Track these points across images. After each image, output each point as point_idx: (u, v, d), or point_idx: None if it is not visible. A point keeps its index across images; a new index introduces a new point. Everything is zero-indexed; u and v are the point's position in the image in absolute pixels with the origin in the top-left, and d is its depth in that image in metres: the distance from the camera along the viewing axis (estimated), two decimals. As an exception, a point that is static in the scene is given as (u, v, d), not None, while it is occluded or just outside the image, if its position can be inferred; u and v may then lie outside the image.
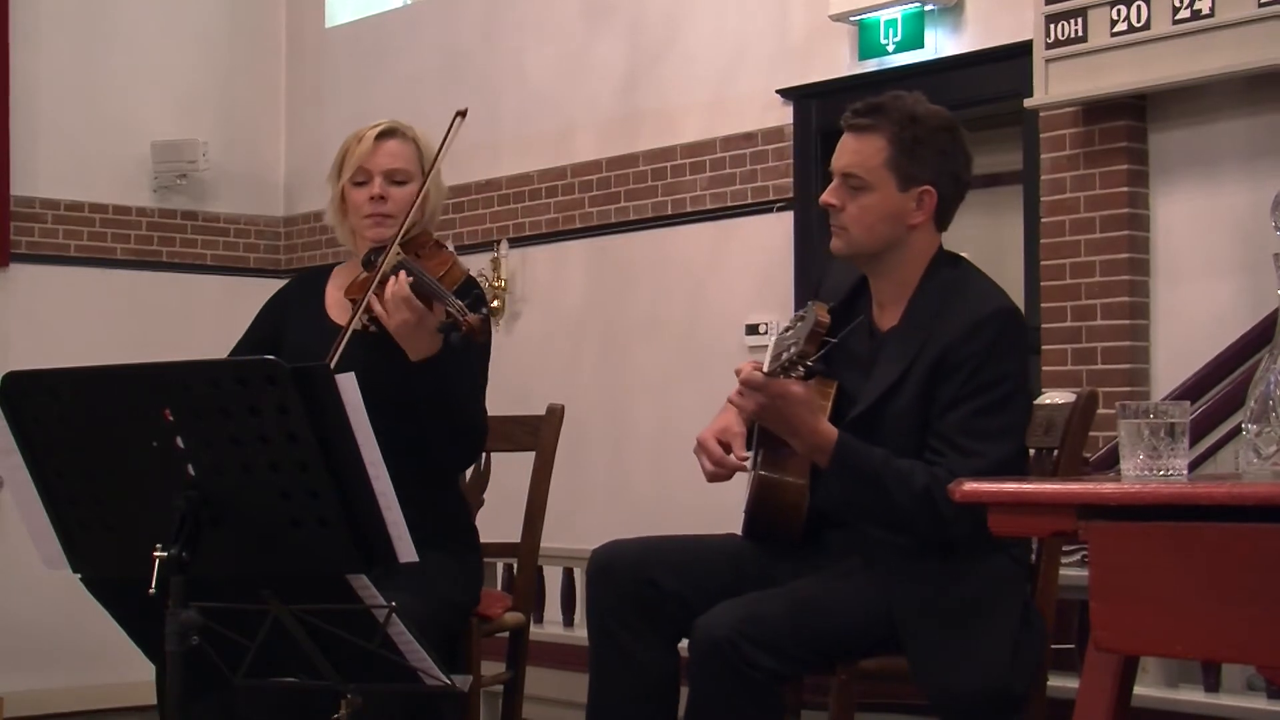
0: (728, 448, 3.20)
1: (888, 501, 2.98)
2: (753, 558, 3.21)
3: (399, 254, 3.27)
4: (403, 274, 3.19)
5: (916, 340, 3.06)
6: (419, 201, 3.38)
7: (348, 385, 2.37)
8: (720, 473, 3.18)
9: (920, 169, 3.10)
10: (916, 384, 3.04)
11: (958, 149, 3.15)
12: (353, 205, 3.44)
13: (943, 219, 3.17)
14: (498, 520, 3.83)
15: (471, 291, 3.23)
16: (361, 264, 3.38)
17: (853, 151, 3.13)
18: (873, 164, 3.10)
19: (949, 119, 3.16)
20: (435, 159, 3.41)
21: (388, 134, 3.46)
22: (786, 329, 3.14)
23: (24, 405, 2.51)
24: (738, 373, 3.01)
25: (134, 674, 3.29)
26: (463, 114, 3.35)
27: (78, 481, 2.54)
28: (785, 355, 2.97)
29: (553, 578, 5.40)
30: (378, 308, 3.20)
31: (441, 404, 3.22)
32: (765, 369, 2.97)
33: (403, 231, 3.31)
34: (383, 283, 3.23)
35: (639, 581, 3.14)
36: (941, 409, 3.01)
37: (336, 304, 3.46)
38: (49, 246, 7.34)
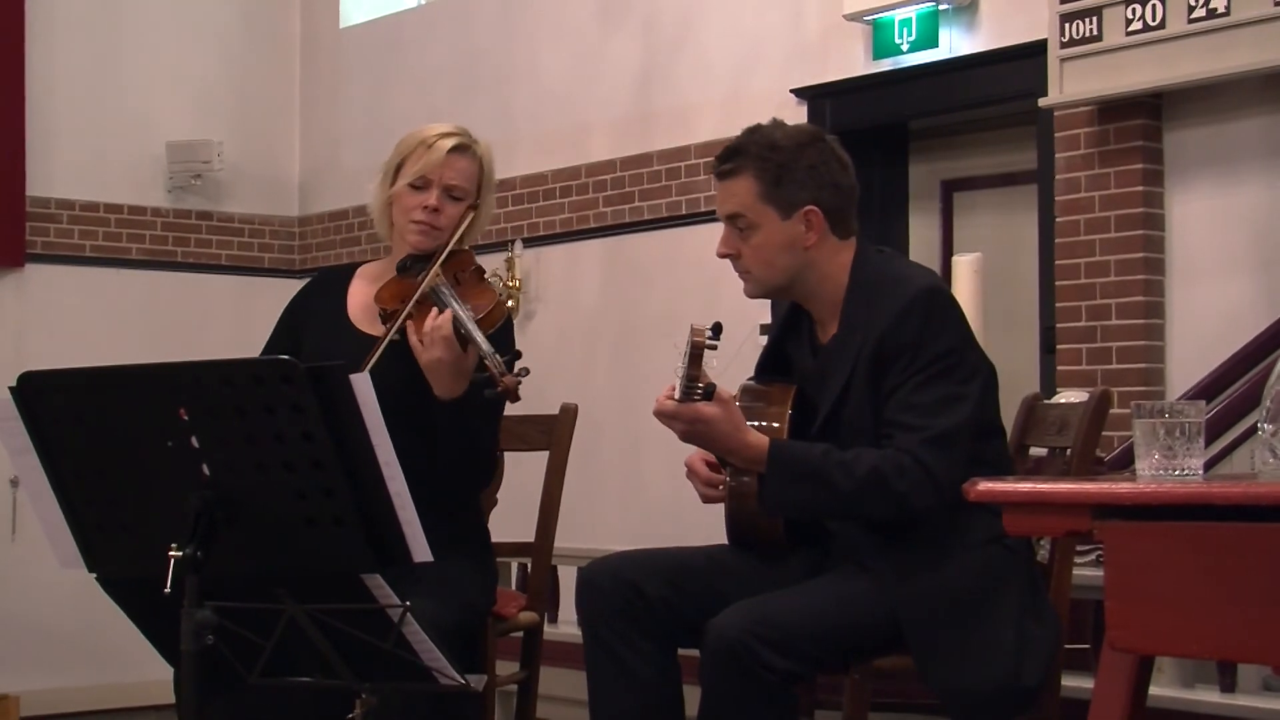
0: (716, 468, 3.22)
1: (834, 491, 2.98)
2: (743, 564, 3.21)
3: (439, 275, 3.23)
4: (448, 312, 3.13)
5: (854, 344, 3.08)
6: (470, 221, 3.35)
7: (362, 385, 2.37)
8: (713, 494, 3.23)
9: (795, 192, 3.11)
10: (862, 383, 3.06)
11: (827, 159, 3.15)
12: (403, 207, 3.37)
13: (841, 228, 3.16)
14: (512, 520, 3.83)
15: (510, 345, 3.16)
16: (396, 268, 3.34)
17: (727, 197, 3.16)
18: (750, 203, 3.12)
19: (810, 133, 3.18)
20: (481, 180, 3.38)
21: (461, 149, 3.40)
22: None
23: (40, 405, 2.52)
24: (655, 405, 3.05)
25: (150, 673, 3.29)
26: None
27: (93, 481, 2.54)
28: (680, 385, 3.00)
29: (567, 577, 5.39)
30: (413, 339, 3.16)
31: (457, 437, 3.20)
32: (675, 397, 3.01)
33: (447, 252, 3.28)
34: (420, 303, 3.18)
35: (625, 590, 3.15)
36: (886, 397, 3.03)
37: (362, 308, 3.40)
38: (64, 247, 7.36)
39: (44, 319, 7.23)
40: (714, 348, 2.99)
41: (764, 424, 3.11)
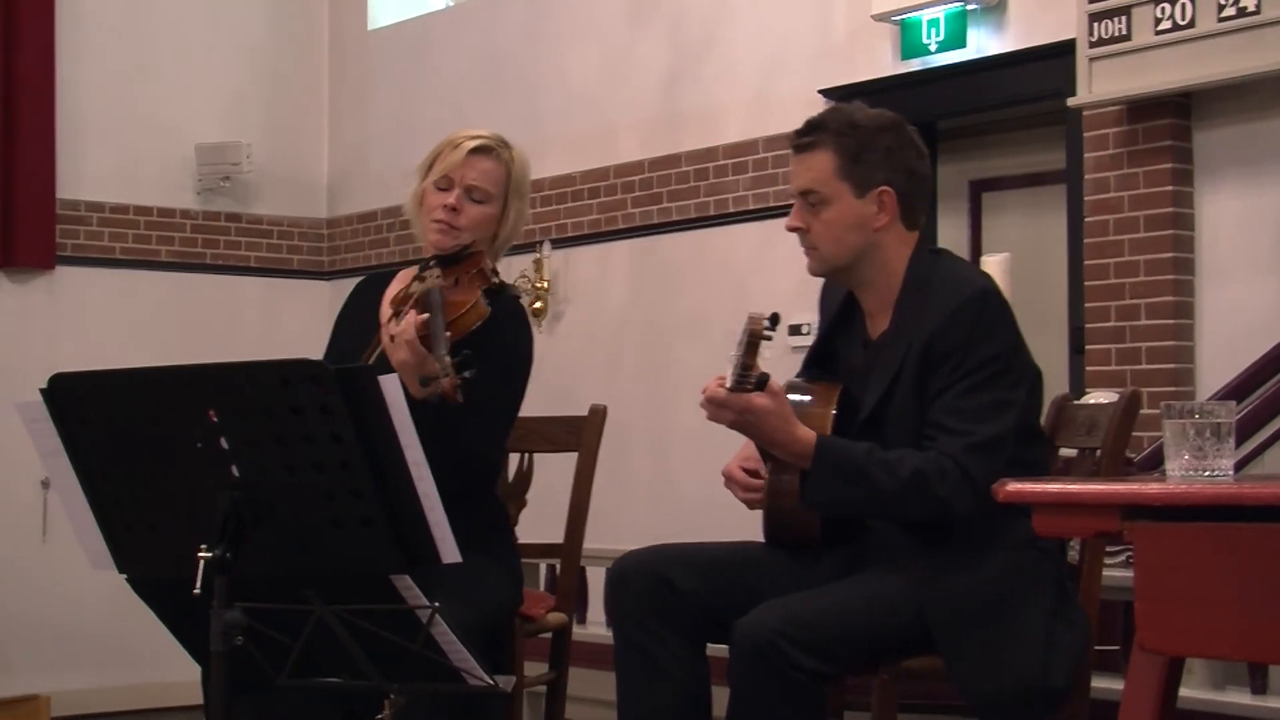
0: (754, 473, 3.22)
1: (877, 491, 2.98)
2: (776, 560, 3.21)
3: (438, 277, 3.24)
4: (410, 315, 3.13)
5: (903, 342, 3.07)
6: (489, 220, 3.37)
7: (390, 386, 2.38)
8: (754, 498, 3.22)
9: (872, 171, 3.12)
10: (909, 382, 3.05)
11: (905, 145, 3.16)
12: (427, 206, 3.42)
13: (910, 217, 3.17)
14: (540, 521, 3.84)
15: (462, 350, 3.06)
16: (418, 268, 3.37)
17: (803, 170, 3.16)
18: (825, 178, 3.12)
19: (891, 118, 3.18)
20: (508, 180, 3.38)
21: (483, 150, 3.42)
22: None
23: (70, 407, 2.53)
24: (703, 392, 3.04)
25: (179, 674, 3.31)
26: None
27: (123, 482, 2.55)
28: (732, 371, 2.99)
29: (595, 578, 5.39)
30: (384, 339, 3.18)
31: (439, 437, 3.19)
32: (727, 385, 3.00)
33: (453, 250, 3.29)
34: (416, 305, 3.20)
35: (655, 585, 3.15)
36: (933, 398, 3.02)
37: (387, 310, 3.46)
38: (95, 249, 7.39)
39: (74, 321, 7.26)
40: (770, 338, 2.99)
41: (808, 422, 3.10)
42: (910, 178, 3.15)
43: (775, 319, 2.98)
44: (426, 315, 3.11)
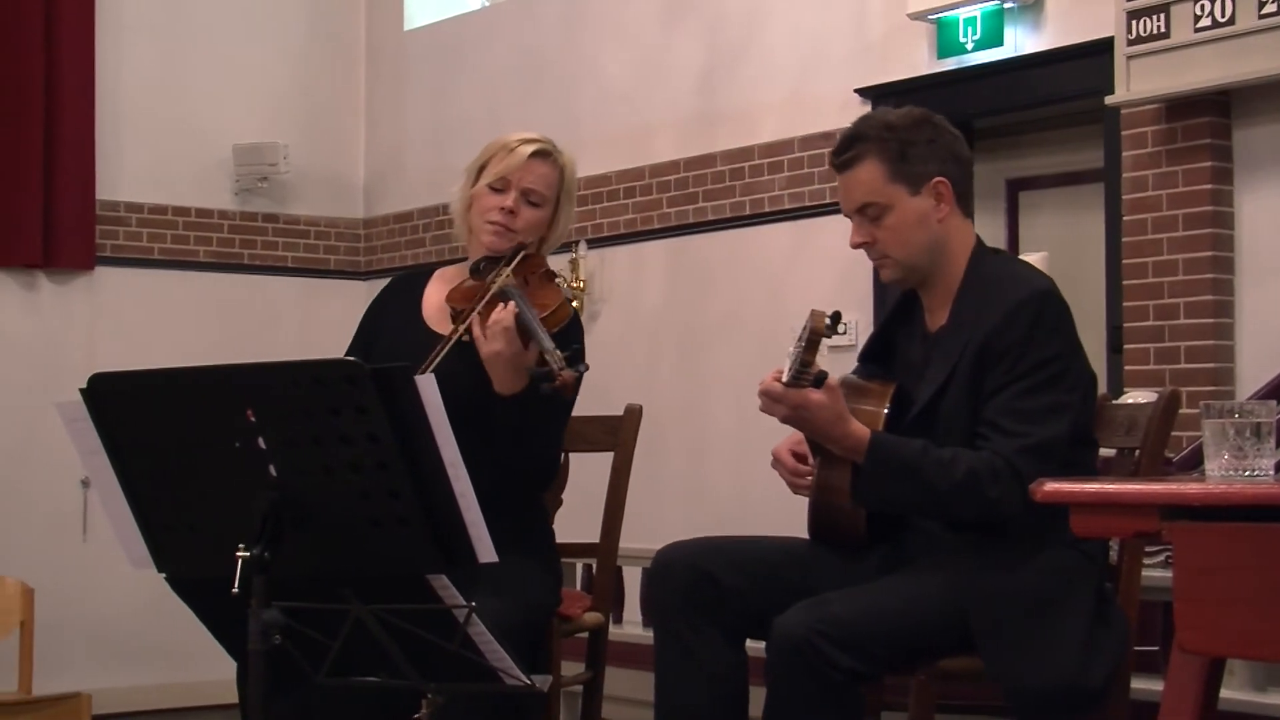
0: (803, 458, 3.21)
1: (929, 490, 2.98)
2: (819, 557, 3.21)
3: (510, 276, 3.26)
4: (511, 305, 3.17)
5: (961, 338, 3.07)
6: (542, 223, 3.39)
7: (427, 386, 2.38)
8: (800, 483, 3.22)
9: (921, 165, 3.13)
10: (964, 379, 3.05)
11: (942, 132, 3.18)
12: (481, 207, 3.43)
13: (965, 204, 3.19)
14: (577, 520, 3.84)
15: (572, 344, 3.17)
16: (469, 270, 3.37)
17: (854, 186, 3.16)
18: (879, 187, 3.13)
19: (921, 112, 3.20)
20: (562, 182, 3.44)
21: (542, 154, 3.45)
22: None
23: (110, 407, 2.54)
24: (760, 385, 3.04)
25: (218, 672, 3.31)
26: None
27: (162, 481, 2.56)
28: (790, 366, 2.99)
29: (632, 578, 5.41)
30: (476, 330, 3.19)
31: (517, 439, 3.22)
32: (784, 380, 3.00)
33: (520, 254, 3.31)
34: (490, 302, 3.21)
35: (698, 578, 3.15)
36: (988, 397, 3.02)
37: (435, 308, 3.45)
38: (133, 250, 7.43)
39: (113, 321, 7.30)
40: (830, 335, 3.00)
41: (860, 418, 3.10)
42: (958, 163, 3.18)
43: (837, 317, 3.00)
44: (517, 310, 3.13)
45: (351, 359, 2.40)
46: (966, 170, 3.21)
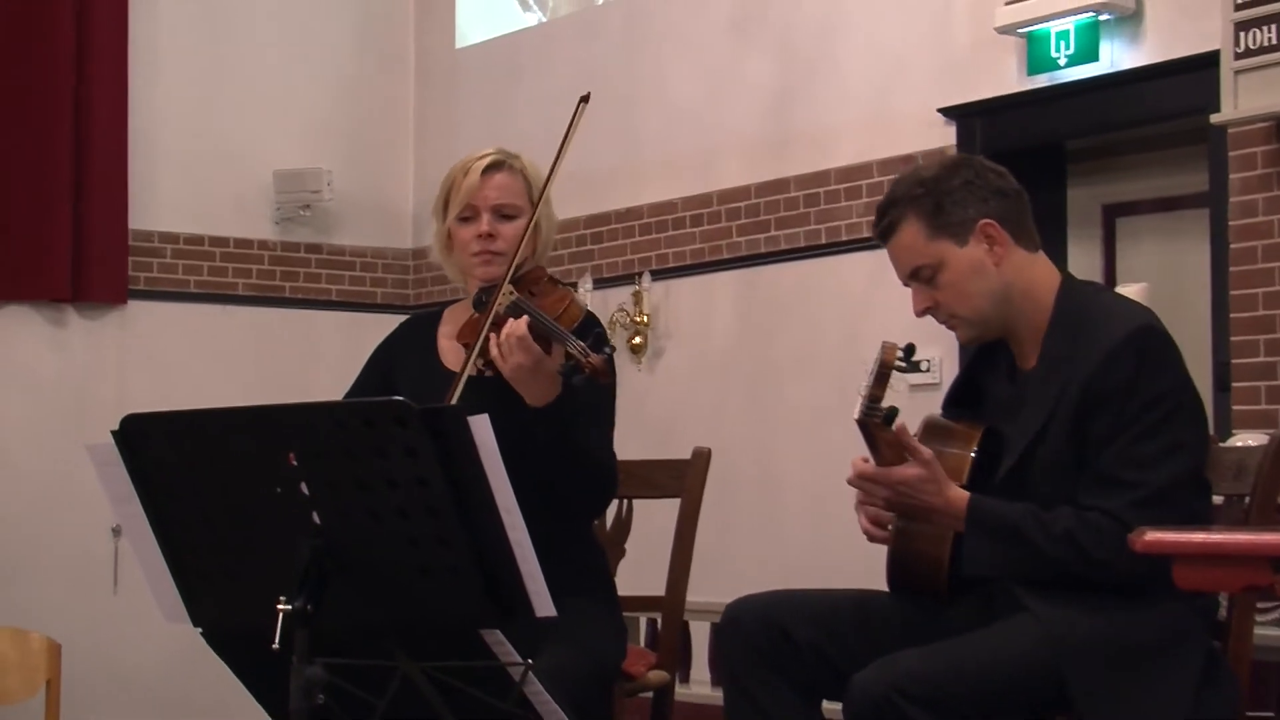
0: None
1: (1034, 553, 2.98)
2: (899, 610, 3.20)
3: (512, 293, 3.29)
4: (523, 317, 3.21)
5: (1057, 381, 3.07)
6: (528, 236, 3.41)
7: (480, 427, 2.39)
8: (878, 533, 3.22)
9: (960, 212, 3.14)
10: (1063, 428, 3.04)
11: (980, 172, 3.18)
12: (460, 243, 3.49)
13: (1024, 237, 3.18)
14: (641, 571, 3.84)
15: (593, 330, 3.24)
16: (472, 305, 3.41)
17: (899, 253, 3.19)
18: (922, 247, 3.15)
19: (956, 157, 3.28)
20: (545, 186, 3.45)
21: (495, 167, 3.49)
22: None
23: (143, 449, 2.56)
24: (852, 469, 3.08)
25: (256, 732, 3.33)
26: (586, 99, 3.39)
27: (198, 530, 2.58)
28: (861, 404, 3.01)
29: (699, 633, 5.41)
30: (493, 351, 3.23)
31: (566, 450, 3.24)
32: (854, 415, 3.01)
33: (513, 269, 3.34)
34: (496, 324, 3.25)
35: (770, 633, 3.15)
36: (1097, 446, 3.01)
37: (450, 349, 3.50)
38: (168, 282, 7.49)
39: (147, 358, 7.35)
40: (903, 369, 3.01)
41: (943, 464, 3.10)
42: (1002, 199, 3.17)
43: (911, 350, 3.01)
44: (528, 318, 3.16)
45: (401, 399, 2.41)
46: (1016, 204, 3.20)
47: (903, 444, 3.06)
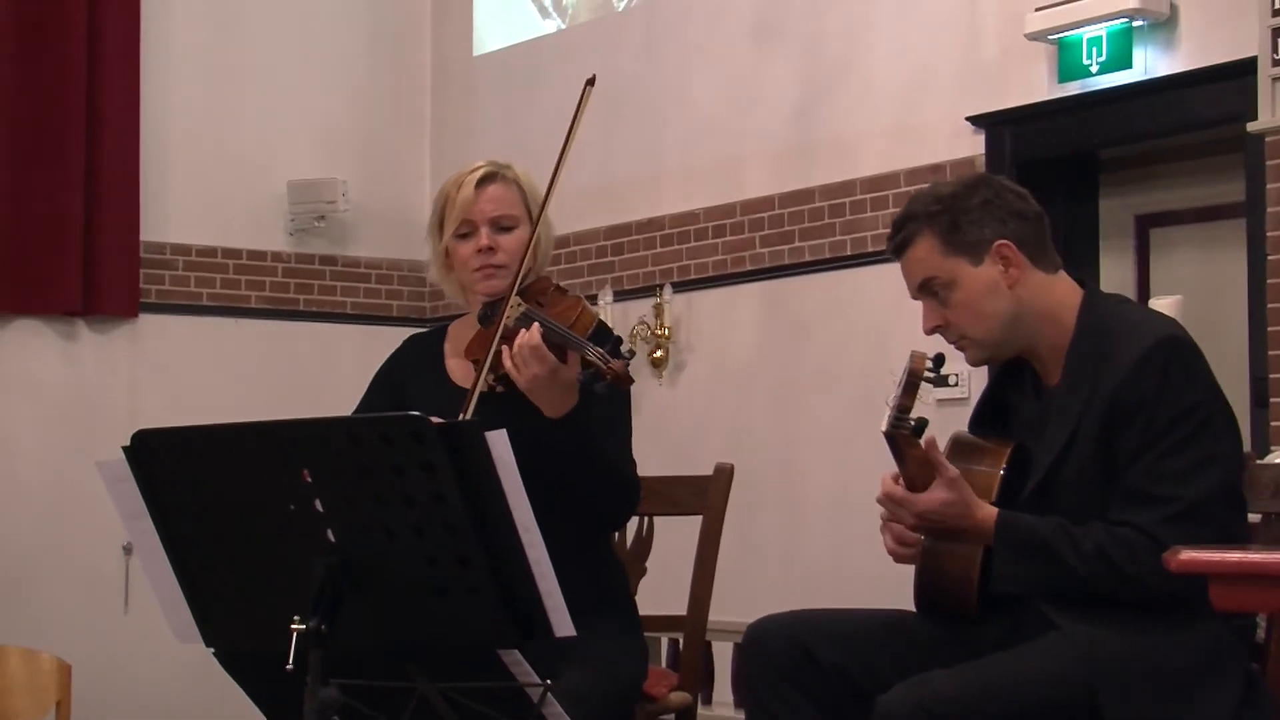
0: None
1: (1065, 569, 2.99)
2: (927, 630, 3.20)
3: (520, 304, 3.29)
4: (534, 326, 3.21)
5: (1081, 396, 3.06)
6: (531, 247, 3.41)
7: (499, 443, 2.39)
8: (904, 552, 3.22)
9: (976, 232, 3.15)
10: (1089, 442, 3.04)
11: (1000, 192, 3.20)
12: (460, 260, 3.50)
13: (1042, 259, 3.19)
14: (662, 591, 3.83)
15: (610, 336, 3.25)
16: (478, 320, 3.41)
17: (911, 266, 3.22)
18: (934, 262, 3.18)
19: (977, 176, 3.28)
20: (554, 176, 3.45)
21: (488, 179, 3.51)
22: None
23: (155, 466, 2.57)
24: (881, 490, 3.11)
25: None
26: (591, 82, 3.40)
27: (211, 548, 2.59)
28: (889, 415, 3.03)
29: (722, 654, 5.40)
30: (507, 363, 3.23)
31: (586, 460, 3.25)
32: (882, 428, 3.03)
33: (519, 281, 3.34)
34: (507, 337, 3.25)
35: (794, 653, 3.16)
36: (1126, 461, 3.00)
37: (458, 367, 3.51)
38: (180, 295, 7.50)
39: (158, 372, 7.37)
40: (932, 381, 3.01)
41: (972, 482, 3.10)
42: (1021, 221, 3.18)
43: (940, 360, 3.02)
44: (541, 328, 3.17)
45: (417, 414, 2.41)
46: (1036, 226, 3.20)
47: (930, 460, 3.06)
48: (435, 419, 2.41)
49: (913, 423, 3.03)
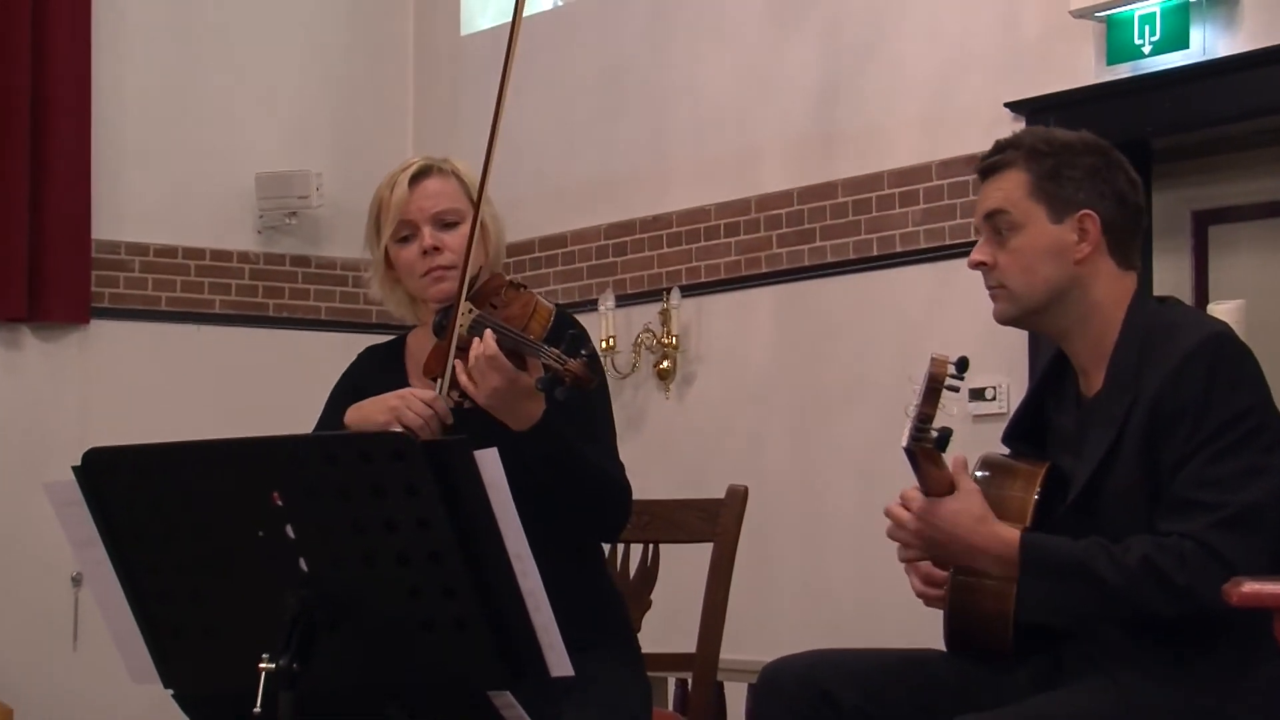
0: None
1: (1102, 589, 2.96)
2: (958, 671, 3.20)
3: (471, 310, 3.30)
4: (487, 334, 3.21)
5: (1123, 402, 3.07)
6: (476, 240, 3.41)
7: (489, 462, 2.40)
8: (932, 593, 3.23)
9: (1072, 191, 3.16)
10: (1132, 451, 3.04)
11: (1115, 169, 3.20)
12: (404, 266, 3.50)
13: (1121, 253, 3.19)
14: (669, 625, 3.83)
15: (566, 332, 3.22)
16: (433, 331, 3.41)
17: (991, 192, 3.22)
18: (1015, 197, 3.18)
19: (1098, 141, 3.23)
20: (485, 174, 3.46)
21: (423, 174, 3.53)
22: None
23: (108, 488, 2.57)
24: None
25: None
26: None
27: (171, 578, 2.59)
28: (909, 428, 3.02)
29: (735, 695, 5.38)
30: (463, 378, 3.23)
31: (568, 469, 3.24)
32: (903, 443, 3.02)
33: (467, 283, 3.34)
34: (462, 349, 3.25)
35: (811, 696, 3.16)
36: (1171, 470, 3.00)
37: (420, 386, 3.48)
38: (136, 299, 7.49)
39: (112, 385, 7.36)
40: (955, 388, 3.02)
41: (1003, 507, 3.10)
42: (1121, 205, 3.18)
43: (963, 363, 3.01)
44: (495, 334, 3.18)
45: (398, 431, 2.42)
46: (1130, 217, 3.21)
47: (950, 475, 3.06)
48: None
49: (935, 434, 3.02)
